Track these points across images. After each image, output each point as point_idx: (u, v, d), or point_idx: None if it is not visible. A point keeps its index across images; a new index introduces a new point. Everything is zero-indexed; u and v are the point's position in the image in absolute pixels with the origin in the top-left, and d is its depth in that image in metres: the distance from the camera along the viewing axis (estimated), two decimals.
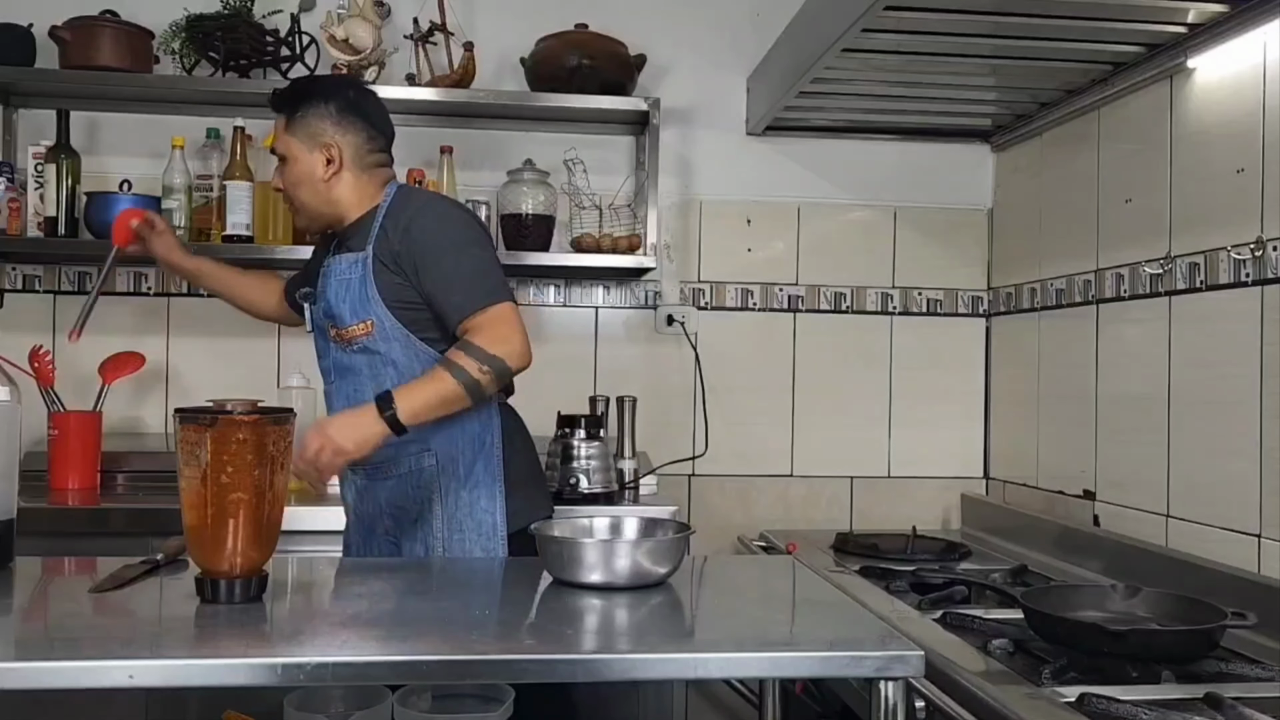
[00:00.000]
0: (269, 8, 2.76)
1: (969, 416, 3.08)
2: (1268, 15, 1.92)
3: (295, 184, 1.97)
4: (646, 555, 1.50)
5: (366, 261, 1.91)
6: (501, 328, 1.83)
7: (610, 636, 1.37)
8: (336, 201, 1.97)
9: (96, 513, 2.34)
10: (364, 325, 1.91)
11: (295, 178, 1.97)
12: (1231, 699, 1.39)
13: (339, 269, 1.95)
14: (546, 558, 1.54)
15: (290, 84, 2.05)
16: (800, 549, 2.51)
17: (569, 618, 1.41)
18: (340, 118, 1.95)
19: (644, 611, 1.40)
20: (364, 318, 1.91)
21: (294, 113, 1.95)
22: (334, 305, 1.94)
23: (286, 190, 2.00)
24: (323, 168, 1.94)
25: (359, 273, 1.91)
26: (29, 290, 2.78)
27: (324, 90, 1.98)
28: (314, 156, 1.94)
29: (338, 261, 1.96)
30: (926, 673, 1.37)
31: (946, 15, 2.04)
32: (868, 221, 3.06)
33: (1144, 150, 2.33)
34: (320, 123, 1.94)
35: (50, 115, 2.64)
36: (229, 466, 1.30)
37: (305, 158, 1.95)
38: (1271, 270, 1.93)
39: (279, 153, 1.98)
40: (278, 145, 1.98)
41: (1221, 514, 2.05)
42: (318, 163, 1.94)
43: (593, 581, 1.47)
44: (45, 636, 1.31)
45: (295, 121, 1.95)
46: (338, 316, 1.94)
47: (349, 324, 1.92)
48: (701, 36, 2.97)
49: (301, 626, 1.32)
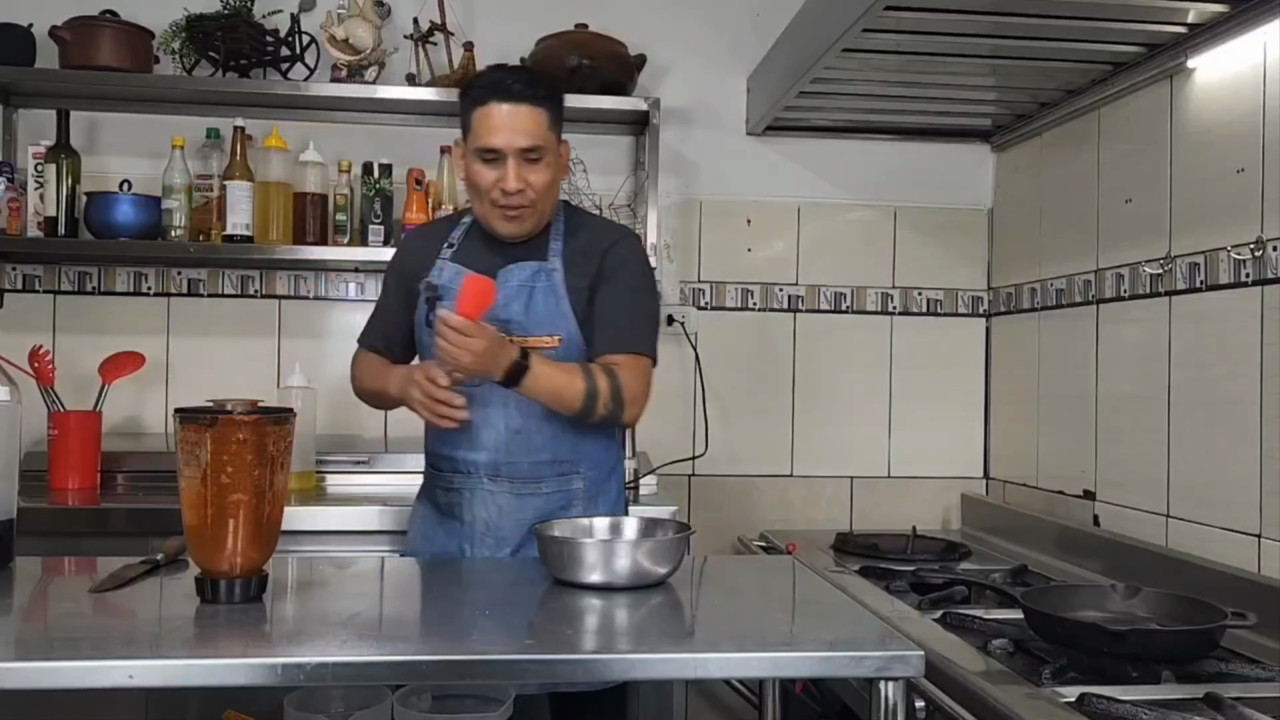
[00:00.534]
0: (269, 8, 2.76)
1: (969, 416, 3.08)
2: (1268, 15, 1.92)
3: (550, 185, 1.85)
4: (647, 555, 1.50)
5: (555, 274, 1.86)
6: (642, 381, 1.85)
7: (610, 636, 1.37)
8: (556, 205, 1.91)
9: (96, 513, 2.34)
10: (553, 339, 1.85)
11: (552, 177, 1.85)
12: (1231, 699, 1.39)
13: (520, 276, 1.86)
14: (547, 558, 1.54)
15: (531, 74, 1.88)
16: (800, 549, 2.51)
17: (569, 618, 1.41)
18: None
19: (644, 612, 1.40)
20: (554, 331, 1.85)
21: (557, 105, 1.85)
22: (515, 313, 1.84)
23: (538, 191, 1.83)
24: (566, 167, 1.88)
25: (545, 283, 1.86)
26: (29, 290, 2.78)
27: (556, 84, 1.89)
28: (562, 152, 1.88)
29: (520, 269, 1.86)
30: (926, 673, 1.37)
31: (946, 15, 2.04)
32: (868, 221, 3.06)
33: (1144, 150, 2.33)
34: (562, 118, 1.87)
35: (50, 115, 2.63)
36: (229, 466, 1.30)
37: (558, 156, 1.86)
38: (1271, 270, 1.93)
39: (537, 147, 1.80)
40: (537, 139, 1.80)
41: (1221, 514, 2.05)
42: (564, 162, 1.88)
43: (593, 581, 1.47)
44: (45, 636, 1.31)
45: (555, 115, 1.84)
46: (518, 324, 1.85)
47: (534, 334, 1.85)
48: (701, 36, 2.97)
49: (301, 626, 1.32)
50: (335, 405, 2.81)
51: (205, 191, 2.69)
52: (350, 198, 2.71)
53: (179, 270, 2.82)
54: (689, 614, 1.45)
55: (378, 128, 2.87)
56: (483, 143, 1.81)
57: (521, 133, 1.79)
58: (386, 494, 2.55)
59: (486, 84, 1.83)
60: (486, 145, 1.80)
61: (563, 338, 1.85)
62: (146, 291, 2.81)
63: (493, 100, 1.80)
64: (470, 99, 1.84)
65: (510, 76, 1.83)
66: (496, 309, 1.78)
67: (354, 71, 2.69)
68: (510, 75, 1.84)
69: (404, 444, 2.83)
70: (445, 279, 1.89)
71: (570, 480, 1.88)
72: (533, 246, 1.89)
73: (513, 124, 1.79)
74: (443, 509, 1.92)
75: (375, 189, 2.69)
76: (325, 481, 2.66)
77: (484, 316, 1.69)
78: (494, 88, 1.81)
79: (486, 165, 1.82)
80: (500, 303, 1.80)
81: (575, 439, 1.88)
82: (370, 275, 2.87)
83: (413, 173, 2.68)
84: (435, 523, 1.94)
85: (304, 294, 2.87)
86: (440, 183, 2.72)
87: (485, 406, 1.85)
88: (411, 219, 2.64)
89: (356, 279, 2.88)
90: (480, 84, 1.85)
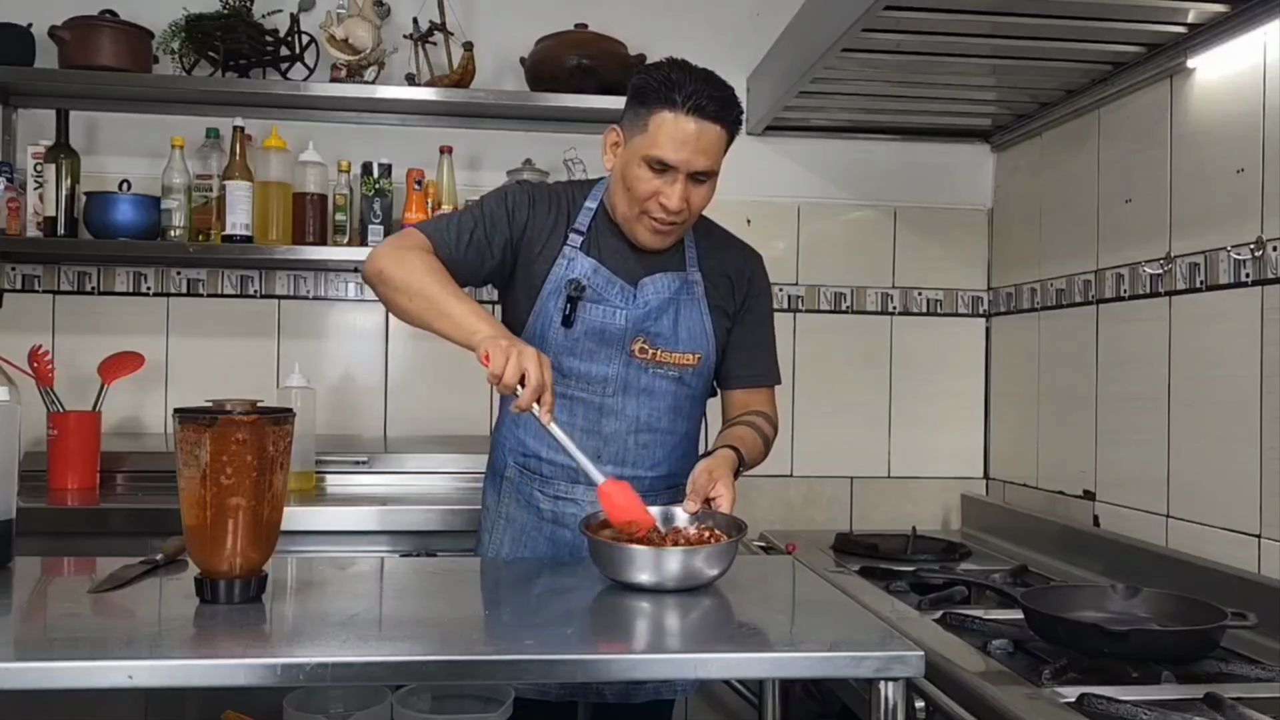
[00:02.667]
0: (268, 7, 2.76)
1: (969, 416, 3.08)
2: (1268, 15, 1.92)
3: (705, 206, 1.76)
4: (704, 560, 1.47)
5: (698, 287, 1.82)
6: (776, 409, 1.90)
7: (611, 637, 1.37)
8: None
9: (96, 513, 2.34)
10: (695, 356, 1.81)
11: (711, 196, 1.75)
12: (1231, 699, 1.39)
13: (667, 287, 1.79)
14: (598, 559, 1.51)
15: (724, 88, 1.70)
16: (800, 549, 2.50)
17: (569, 618, 1.41)
18: None
19: (644, 612, 1.40)
20: (696, 350, 1.82)
21: (740, 125, 1.73)
22: (664, 327, 1.79)
23: (694, 212, 1.74)
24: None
25: (688, 296, 1.81)
26: (28, 290, 2.78)
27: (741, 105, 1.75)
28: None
29: (666, 280, 1.79)
30: (926, 673, 1.37)
31: (946, 15, 2.04)
32: (868, 221, 3.06)
33: (1144, 150, 2.33)
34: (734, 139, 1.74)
35: (50, 115, 2.63)
36: (228, 467, 1.30)
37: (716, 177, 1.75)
38: (1271, 270, 1.93)
39: (712, 171, 1.70)
40: (715, 163, 1.70)
41: (1221, 514, 2.05)
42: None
43: (642, 583, 1.45)
44: (45, 636, 1.31)
45: (735, 135, 1.72)
46: (662, 336, 1.79)
47: (678, 350, 1.80)
48: (701, 36, 2.97)
49: (301, 627, 1.32)
50: (335, 405, 2.82)
51: (205, 191, 2.69)
52: (350, 198, 2.71)
53: (178, 270, 2.82)
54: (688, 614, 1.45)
55: (377, 128, 2.87)
56: (658, 153, 1.66)
57: (703, 154, 1.67)
58: (386, 494, 2.56)
59: (679, 88, 1.65)
60: (661, 157, 1.66)
61: (702, 356, 1.83)
62: (146, 291, 2.81)
63: (684, 110, 1.64)
64: (656, 97, 1.67)
65: (707, 90, 1.66)
66: (646, 324, 1.77)
67: (353, 71, 2.69)
68: (707, 87, 1.66)
69: (403, 444, 2.83)
70: (580, 272, 1.76)
71: (677, 493, 1.78)
72: (670, 252, 1.81)
73: (698, 143, 1.65)
74: (546, 516, 1.83)
75: (375, 189, 2.69)
76: (325, 482, 2.67)
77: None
78: (689, 97, 1.64)
79: (652, 173, 1.68)
80: (646, 314, 1.77)
81: (683, 452, 1.88)
82: None
83: (412, 173, 2.68)
84: (535, 530, 1.84)
85: (303, 294, 2.87)
86: (440, 183, 2.72)
87: (618, 418, 1.80)
88: (411, 219, 2.64)
89: (356, 279, 2.88)
90: (670, 84, 1.66)
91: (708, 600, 1.48)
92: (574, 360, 1.78)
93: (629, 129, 1.71)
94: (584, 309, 1.75)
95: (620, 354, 1.78)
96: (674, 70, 1.67)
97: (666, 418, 1.82)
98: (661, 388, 1.81)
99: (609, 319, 1.76)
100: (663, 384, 1.81)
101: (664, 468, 1.84)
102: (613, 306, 1.76)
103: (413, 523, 2.35)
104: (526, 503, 1.85)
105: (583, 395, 1.79)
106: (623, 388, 1.79)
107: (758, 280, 1.92)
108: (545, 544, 1.83)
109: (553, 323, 1.76)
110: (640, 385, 1.79)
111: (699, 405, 1.90)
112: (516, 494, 1.86)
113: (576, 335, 1.76)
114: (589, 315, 1.76)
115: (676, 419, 1.84)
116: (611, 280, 1.77)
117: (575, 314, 1.75)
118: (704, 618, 1.42)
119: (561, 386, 1.76)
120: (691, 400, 1.87)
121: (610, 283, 1.77)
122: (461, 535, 2.30)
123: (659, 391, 1.81)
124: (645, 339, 1.77)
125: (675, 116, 1.64)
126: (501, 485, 1.89)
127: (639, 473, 1.80)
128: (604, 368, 1.78)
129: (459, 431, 2.82)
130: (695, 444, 1.92)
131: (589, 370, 1.78)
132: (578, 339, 1.77)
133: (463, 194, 2.75)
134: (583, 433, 1.77)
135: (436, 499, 2.48)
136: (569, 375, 1.78)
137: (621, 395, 1.78)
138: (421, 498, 2.50)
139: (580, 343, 1.77)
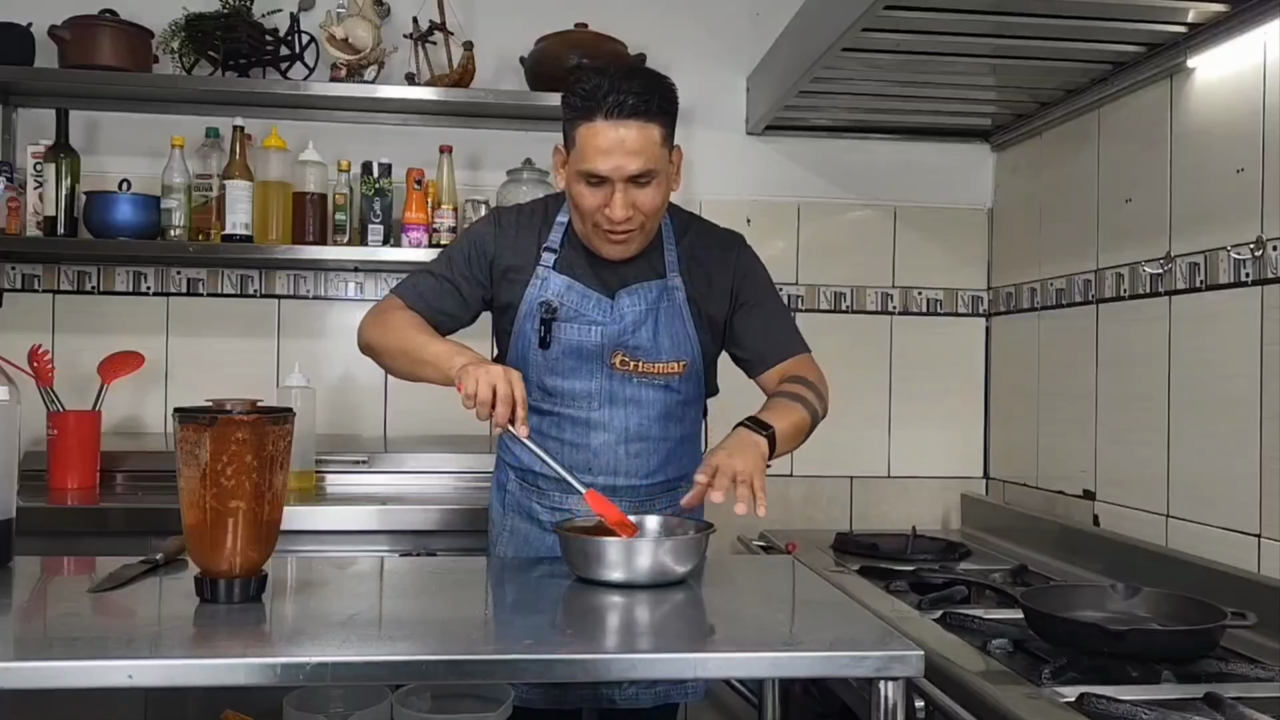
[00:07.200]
0: (268, 7, 2.76)
1: (969, 416, 3.08)
2: (1268, 15, 1.92)
3: (661, 205, 1.69)
4: (669, 554, 1.49)
5: (678, 293, 1.77)
6: (819, 373, 1.80)
7: (611, 637, 1.37)
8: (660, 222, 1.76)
9: (96, 512, 2.34)
10: (679, 364, 1.78)
11: (663, 197, 1.69)
12: (1231, 699, 1.39)
13: (644, 299, 1.76)
14: (569, 557, 1.53)
15: (644, 79, 1.63)
16: (800, 549, 2.50)
17: (569, 618, 1.41)
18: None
19: (644, 612, 1.40)
20: (681, 357, 1.78)
21: (672, 114, 1.65)
22: (643, 339, 1.76)
23: (648, 214, 1.67)
24: (679, 176, 1.70)
25: (668, 303, 1.77)
26: (28, 290, 2.78)
27: (673, 87, 1.66)
28: (674, 161, 1.69)
29: (642, 290, 1.76)
30: (926, 673, 1.37)
31: (946, 15, 2.04)
32: (868, 221, 3.06)
33: (1144, 150, 2.33)
34: (675, 123, 1.67)
35: (50, 114, 2.63)
36: (228, 466, 1.30)
37: (669, 168, 1.68)
38: (1271, 270, 1.93)
39: (647, 171, 1.62)
40: (648, 162, 1.61)
41: (1221, 514, 2.05)
42: (677, 170, 1.70)
43: (614, 580, 1.47)
44: (45, 636, 1.31)
45: (669, 126, 1.65)
46: (641, 348, 1.76)
47: (660, 360, 1.77)
48: (701, 36, 2.97)
49: (301, 626, 1.32)
50: (335, 405, 2.81)
51: (204, 191, 2.69)
52: (350, 197, 2.71)
53: (178, 270, 2.82)
54: (688, 614, 1.45)
55: (377, 127, 2.87)
56: (588, 166, 1.62)
57: (631, 157, 1.60)
58: (386, 494, 2.56)
59: (591, 93, 1.60)
60: (592, 170, 1.62)
61: (688, 363, 1.79)
62: (146, 291, 2.81)
63: (599, 117, 1.59)
64: (573, 108, 1.63)
65: (620, 86, 1.59)
66: (624, 338, 1.74)
67: (353, 71, 2.69)
68: (620, 84, 1.59)
69: (403, 444, 2.83)
70: (553, 293, 1.75)
71: (677, 495, 1.75)
72: (646, 259, 1.77)
73: (624, 148, 1.59)
74: (548, 527, 1.81)
75: (374, 189, 2.68)
76: (324, 481, 2.67)
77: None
78: (600, 100, 1.59)
79: (590, 188, 1.64)
80: (623, 328, 1.74)
81: (684, 455, 1.86)
82: (370, 275, 2.87)
83: (412, 172, 2.68)
84: (538, 540, 1.85)
85: (303, 294, 2.87)
86: (440, 183, 2.72)
87: (605, 430, 1.78)
88: (411, 219, 2.65)
89: (356, 279, 2.88)
90: (584, 90, 1.61)
91: (707, 600, 1.48)
92: (555, 379, 1.78)
93: (568, 146, 1.69)
94: (559, 329, 1.75)
95: (601, 368, 1.77)
96: (591, 79, 1.63)
97: (657, 425, 1.80)
98: (649, 397, 1.79)
99: (585, 336, 1.76)
100: (650, 393, 1.79)
101: (660, 475, 1.83)
102: (588, 323, 1.76)
103: (412, 522, 2.35)
104: (528, 514, 1.87)
105: (569, 411, 1.78)
106: (608, 400, 1.78)
107: (742, 263, 1.84)
108: (549, 554, 1.83)
109: (531, 344, 1.77)
110: (626, 396, 1.78)
111: (693, 408, 1.88)
112: (518, 506, 1.88)
113: (555, 355, 1.76)
114: (564, 335, 1.76)
115: (669, 425, 1.82)
116: (586, 295, 1.76)
117: (551, 334, 1.75)
118: (703, 618, 1.42)
119: (547, 405, 1.78)
120: (684, 405, 1.84)
121: (585, 298, 1.76)
122: (461, 535, 2.30)
123: (647, 401, 1.79)
124: (624, 352, 1.76)
125: (595, 126, 1.60)
126: (505, 498, 1.91)
127: (633, 481, 1.80)
128: (585, 383, 1.77)
129: (459, 431, 2.81)
130: (694, 446, 1.91)
131: (571, 387, 1.78)
132: (556, 358, 1.77)
133: (462, 194, 2.75)
134: (571, 446, 1.78)
135: (436, 499, 2.49)
136: (553, 394, 1.78)
137: (608, 407, 1.77)
138: (421, 497, 2.51)
139: (559, 361, 1.77)
